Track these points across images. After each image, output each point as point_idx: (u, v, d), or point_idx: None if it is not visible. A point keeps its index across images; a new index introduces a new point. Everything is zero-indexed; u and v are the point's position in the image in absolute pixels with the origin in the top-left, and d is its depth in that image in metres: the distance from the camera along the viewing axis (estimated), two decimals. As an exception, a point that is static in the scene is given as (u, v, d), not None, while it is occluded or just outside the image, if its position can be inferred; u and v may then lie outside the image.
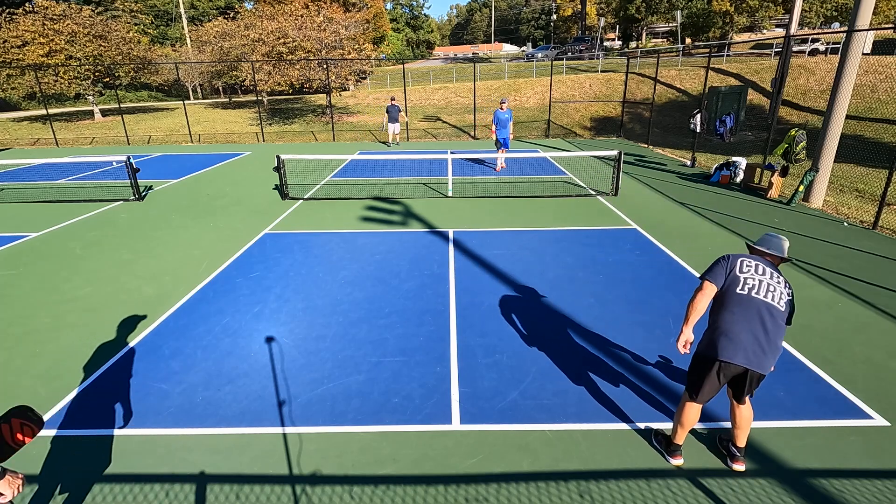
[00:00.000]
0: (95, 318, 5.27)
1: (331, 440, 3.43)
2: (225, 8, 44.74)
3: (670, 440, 3.20)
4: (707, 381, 2.87)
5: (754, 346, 2.72)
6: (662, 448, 3.25)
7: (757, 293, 2.77)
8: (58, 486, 3.07)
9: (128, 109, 29.46)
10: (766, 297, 2.76)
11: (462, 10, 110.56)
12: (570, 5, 69.08)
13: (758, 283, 2.79)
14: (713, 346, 2.81)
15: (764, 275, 2.82)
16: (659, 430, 3.41)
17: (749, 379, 2.82)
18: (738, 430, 3.11)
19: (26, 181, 12.58)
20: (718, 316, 2.85)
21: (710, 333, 2.88)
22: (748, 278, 2.81)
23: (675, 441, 3.16)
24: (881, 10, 34.95)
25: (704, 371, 2.87)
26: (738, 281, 2.81)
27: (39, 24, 22.65)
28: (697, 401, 2.97)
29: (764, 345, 2.73)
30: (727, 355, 2.75)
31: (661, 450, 3.25)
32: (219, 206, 9.79)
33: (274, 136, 21.19)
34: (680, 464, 3.15)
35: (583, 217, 8.66)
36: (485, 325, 4.97)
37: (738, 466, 3.13)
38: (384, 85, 34.92)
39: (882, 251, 6.86)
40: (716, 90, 12.83)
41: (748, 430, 3.11)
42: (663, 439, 3.28)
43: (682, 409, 3.08)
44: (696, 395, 2.95)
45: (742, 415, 3.05)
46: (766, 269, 2.87)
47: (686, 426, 3.08)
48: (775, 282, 2.82)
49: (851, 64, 8.38)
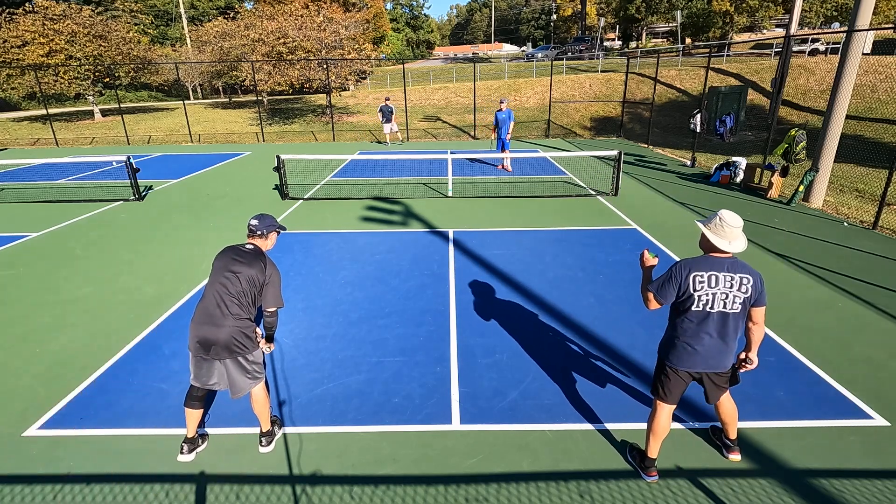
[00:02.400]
0: (95, 318, 5.27)
1: (331, 440, 3.44)
2: (225, 8, 44.74)
3: (644, 455, 3.10)
4: (677, 388, 2.93)
5: (714, 353, 2.79)
6: (636, 464, 3.15)
7: (712, 307, 2.70)
8: (58, 487, 3.07)
9: (128, 109, 29.46)
10: (721, 307, 2.70)
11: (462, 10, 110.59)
12: (570, 5, 69.08)
13: (712, 296, 2.68)
14: (678, 357, 2.85)
15: (716, 286, 2.67)
16: (634, 445, 3.31)
17: (710, 380, 2.91)
18: (727, 425, 3.18)
19: (26, 181, 12.57)
20: (677, 323, 2.85)
21: (673, 341, 2.87)
22: (702, 295, 2.68)
23: (650, 455, 3.06)
24: (881, 10, 34.94)
25: (673, 379, 2.91)
26: (692, 299, 2.70)
27: (39, 24, 22.65)
28: (668, 402, 2.97)
29: (722, 347, 2.79)
30: (690, 365, 2.83)
31: (636, 465, 3.15)
32: (219, 206, 9.79)
33: (274, 136, 21.19)
34: (655, 480, 3.04)
35: (583, 217, 8.66)
36: (485, 325, 4.97)
37: (735, 457, 3.19)
38: (384, 85, 34.92)
39: (882, 251, 6.86)
40: (716, 90, 12.83)
41: (736, 422, 3.17)
42: (637, 454, 3.19)
43: (653, 415, 3.02)
44: (668, 399, 2.96)
45: (725, 410, 3.12)
46: (721, 278, 2.68)
47: (659, 435, 3.01)
48: (730, 288, 2.67)
49: (851, 64, 8.38)
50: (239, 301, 3.04)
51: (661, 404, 2.99)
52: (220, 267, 3.11)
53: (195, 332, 3.01)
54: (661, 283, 2.79)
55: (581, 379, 4.09)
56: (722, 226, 2.70)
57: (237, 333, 3.02)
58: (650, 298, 2.85)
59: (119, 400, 3.88)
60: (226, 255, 3.16)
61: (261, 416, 3.31)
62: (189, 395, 3.23)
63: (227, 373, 3.11)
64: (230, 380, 3.13)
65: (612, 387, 3.99)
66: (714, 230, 2.72)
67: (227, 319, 3.00)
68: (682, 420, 3.57)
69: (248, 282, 3.06)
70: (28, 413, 3.75)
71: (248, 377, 3.15)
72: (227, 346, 3.01)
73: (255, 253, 3.17)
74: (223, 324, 2.99)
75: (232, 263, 3.09)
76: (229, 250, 3.19)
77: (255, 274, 3.08)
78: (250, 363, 3.14)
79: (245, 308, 3.06)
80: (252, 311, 3.13)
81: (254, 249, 3.20)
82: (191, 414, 3.25)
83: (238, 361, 3.08)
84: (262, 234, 3.28)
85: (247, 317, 3.08)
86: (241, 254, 3.15)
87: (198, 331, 3.01)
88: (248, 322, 3.08)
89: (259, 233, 3.26)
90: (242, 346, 3.06)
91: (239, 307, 3.03)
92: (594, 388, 3.97)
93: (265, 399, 3.29)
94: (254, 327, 3.14)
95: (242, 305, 3.05)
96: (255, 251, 3.19)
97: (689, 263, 2.75)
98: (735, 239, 2.70)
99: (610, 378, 4.10)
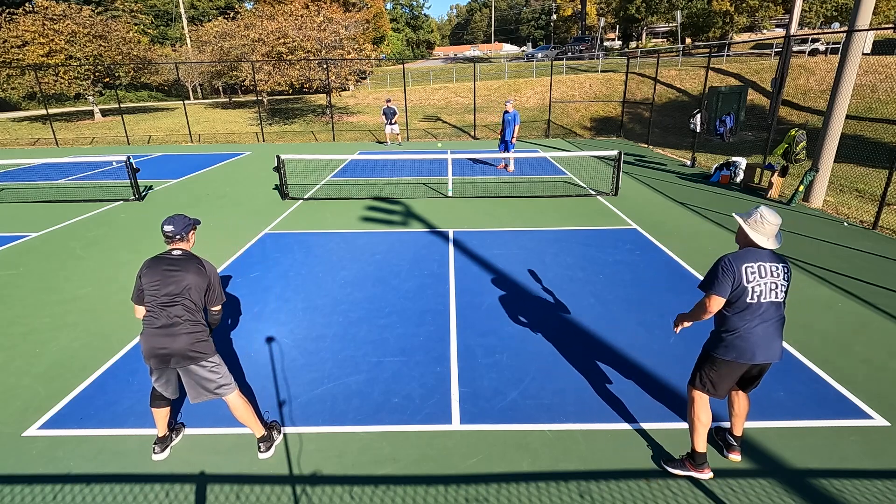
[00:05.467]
0: (95, 317, 5.27)
1: (331, 440, 3.43)
2: (225, 8, 44.69)
3: (695, 452, 3.01)
4: (728, 381, 2.92)
5: (770, 342, 2.79)
6: (690, 468, 3.03)
7: (765, 298, 2.74)
8: (58, 487, 3.07)
9: (128, 109, 29.45)
10: (772, 297, 2.75)
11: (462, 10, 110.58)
12: (570, 5, 69.07)
13: (764, 287, 2.73)
14: (734, 350, 2.81)
15: (765, 276, 2.74)
16: (675, 459, 3.15)
17: (759, 370, 2.93)
18: (737, 419, 3.18)
19: (26, 181, 12.57)
20: (731, 321, 2.82)
21: (724, 336, 2.85)
22: (755, 286, 2.72)
23: (700, 450, 3.00)
24: (881, 10, 34.93)
25: (725, 372, 2.88)
26: (747, 292, 2.73)
27: (39, 24, 22.65)
28: (718, 396, 2.96)
29: (775, 336, 2.81)
30: (748, 358, 2.80)
31: (689, 471, 3.03)
32: (219, 206, 9.79)
33: (274, 136, 21.19)
34: (711, 477, 3.01)
35: (583, 217, 8.66)
36: (485, 325, 4.97)
37: (735, 457, 3.18)
38: (384, 85, 34.92)
39: (882, 251, 6.86)
40: (716, 90, 12.83)
41: (745, 417, 3.21)
42: (687, 458, 3.06)
43: (699, 408, 2.98)
44: (717, 393, 2.95)
45: (743, 404, 3.15)
46: (767, 268, 2.75)
47: (707, 424, 2.99)
48: (775, 277, 2.75)
49: (851, 64, 8.38)
50: (188, 310, 3.00)
51: (705, 397, 2.97)
52: (158, 280, 3.00)
53: (149, 345, 2.97)
54: (716, 280, 2.77)
55: (581, 379, 4.09)
56: (763, 223, 2.74)
57: (193, 341, 3.00)
58: (711, 299, 2.79)
59: (119, 400, 3.88)
60: (156, 267, 3.04)
61: (247, 422, 3.26)
62: (152, 396, 3.23)
63: (190, 377, 3.08)
64: (194, 383, 3.09)
65: (612, 387, 3.98)
66: (754, 226, 2.77)
67: (181, 329, 2.97)
68: (682, 420, 3.57)
69: (193, 289, 3.02)
70: (28, 413, 3.75)
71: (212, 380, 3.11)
72: (185, 355, 2.99)
73: (186, 258, 3.08)
74: (178, 333, 2.96)
75: (168, 275, 3.00)
76: (158, 262, 3.07)
77: (198, 279, 3.03)
78: (213, 366, 3.12)
79: (195, 314, 3.05)
80: (202, 316, 3.12)
81: (183, 254, 3.10)
82: (157, 413, 3.26)
83: (201, 366, 3.06)
84: (181, 238, 3.15)
85: (199, 322, 3.06)
86: (174, 262, 3.05)
87: (152, 344, 2.96)
88: (201, 327, 3.07)
89: (179, 237, 3.13)
90: (201, 353, 3.04)
91: (190, 315, 3.01)
92: (594, 388, 3.97)
93: (245, 405, 3.23)
94: (207, 331, 3.12)
95: (192, 312, 3.02)
96: (185, 256, 3.09)
97: (738, 257, 2.77)
98: (772, 235, 2.76)
99: (610, 378, 4.10)
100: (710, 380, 2.93)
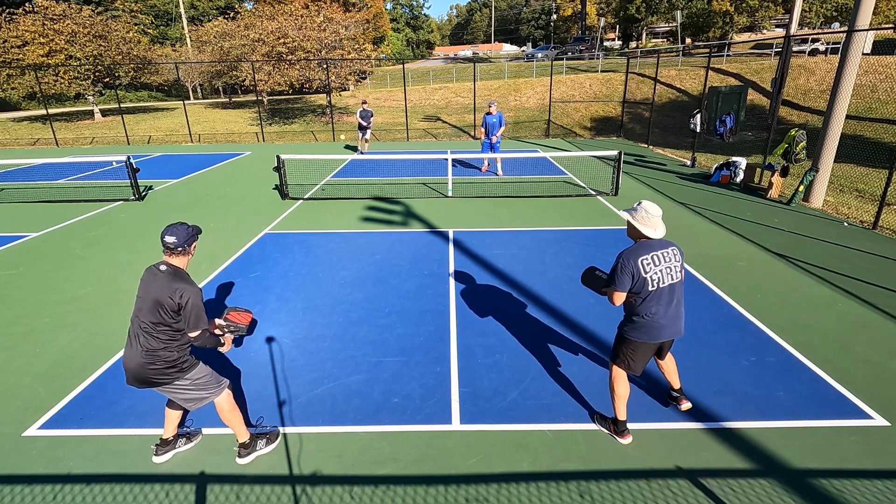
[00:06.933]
0: (95, 318, 5.27)
1: (331, 440, 3.43)
2: (225, 8, 44.71)
3: (617, 420, 3.40)
4: (642, 359, 3.27)
5: (674, 321, 3.17)
6: (612, 431, 3.43)
7: (664, 283, 3.05)
8: (58, 487, 3.07)
9: (128, 109, 29.46)
10: (669, 280, 3.07)
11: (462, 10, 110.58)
12: (570, 5, 69.08)
13: (661, 273, 3.03)
14: (645, 332, 3.16)
15: (659, 263, 3.03)
16: (602, 415, 3.58)
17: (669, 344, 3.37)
18: (670, 375, 3.62)
19: (26, 181, 12.57)
20: (638, 308, 3.13)
21: (635, 320, 3.17)
22: (652, 275, 3.02)
23: (621, 418, 3.38)
24: (881, 10, 34.94)
25: (640, 352, 3.24)
26: (647, 282, 3.01)
27: (39, 24, 22.65)
28: (635, 372, 3.31)
29: (677, 314, 3.18)
30: (656, 337, 3.17)
31: (611, 433, 3.43)
32: (219, 206, 9.79)
33: (274, 136, 21.19)
34: (630, 442, 3.35)
35: (583, 217, 8.66)
36: (485, 325, 4.97)
37: (686, 405, 3.58)
38: (384, 85, 34.92)
39: (882, 251, 6.86)
40: (716, 90, 12.83)
41: (677, 372, 3.62)
42: (611, 423, 3.46)
43: (618, 382, 3.34)
44: (634, 369, 3.29)
45: (669, 364, 3.58)
46: (659, 256, 3.04)
47: (625, 397, 3.36)
48: (668, 261, 3.06)
49: (851, 64, 8.38)
50: (150, 331, 2.82)
51: (623, 372, 3.34)
52: (139, 294, 2.89)
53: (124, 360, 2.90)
54: (617, 277, 3.07)
55: (581, 379, 4.09)
56: (648, 217, 3.05)
57: (153, 364, 2.84)
58: (614, 294, 3.13)
59: (119, 400, 3.88)
60: (143, 278, 2.92)
61: (231, 425, 3.17)
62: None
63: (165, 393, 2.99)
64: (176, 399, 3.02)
65: (612, 387, 3.98)
66: (642, 221, 3.06)
67: (140, 349, 2.83)
68: (682, 420, 3.57)
69: (162, 310, 2.80)
70: (28, 413, 3.75)
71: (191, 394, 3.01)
72: (144, 378, 2.86)
73: (168, 275, 2.85)
74: (135, 354, 2.84)
75: (145, 289, 2.87)
76: (146, 272, 2.94)
77: (168, 300, 2.79)
78: (188, 384, 2.98)
79: (158, 337, 2.83)
80: (170, 339, 2.88)
81: (167, 271, 2.87)
82: (168, 414, 3.23)
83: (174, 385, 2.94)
84: (182, 251, 2.93)
85: (162, 347, 2.85)
86: (154, 277, 2.87)
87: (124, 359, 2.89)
88: (166, 353, 2.86)
89: (180, 249, 2.91)
90: (164, 376, 2.89)
91: (151, 337, 2.82)
92: (594, 387, 3.97)
93: (231, 408, 3.14)
94: (177, 355, 2.91)
95: (155, 334, 2.82)
96: (168, 273, 2.86)
97: (633, 252, 3.06)
98: (658, 226, 3.06)
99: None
100: (628, 358, 3.27)
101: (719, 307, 5.30)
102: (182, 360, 2.95)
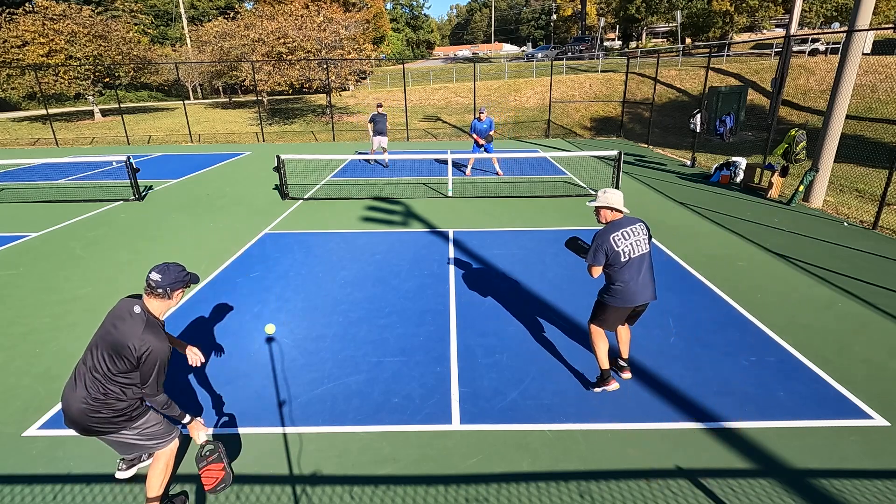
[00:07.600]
0: (95, 318, 5.26)
1: (331, 440, 3.43)
2: (225, 8, 44.70)
3: (602, 371, 3.84)
4: (617, 320, 3.78)
5: (646, 286, 3.65)
6: (600, 385, 3.84)
7: (634, 253, 3.55)
8: (58, 487, 3.07)
9: (128, 109, 29.45)
10: (639, 251, 3.56)
11: (462, 10, 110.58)
12: (570, 5, 69.08)
13: (631, 245, 3.53)
14: (620, 298, 3.64)
15: (629, 238, 3.53)
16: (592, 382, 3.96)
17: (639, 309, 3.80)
18: (623, 345, 4.04)
19: (26, 181, 12.57)
20: (614, 276, 3.62)
21: (612, 287, 3.66)
22: (624, 248, 3.52)
23: (604, 367, 3.83)
24: (881, 10, 34.93)
25: (617, 315, 3.73)
26: (620, 255, 3.52)
27: (39, 24, 22.65)
28: (611, 330, 3.84)
29: (649, 281, 3.67)
30: (632, 301, 3.64)
31: (601, 386, 3.83)
32: (219, 206, 9.79)
33: (274, 136, 21.19)
34: (617, 387, 3.82)
35: (583, 217, 8.65)
36: (485, 325, 4.97)
37: (627, 375, 4.02)
38: (384, 85, 34.92)
39: (882, 251, 6.86)
40: (716, 90, 12.84)
41: (629, 344, 4.09)
42: (598, 379, 3.88)
43: (597, 338, 3.82)
44: (610, 328, 3.82)
45: (626, 334, 4.03)
46: (628, 231, 3.54)
47: (605, 348, 3.83)
48: (636, 235, 3.56)
49: (851, 64, 8.38)
50: (101, 378, 2.49)
51: (601, 329, 3.82)
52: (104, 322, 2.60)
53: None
54: (594, 254, 3.59)
55: (581, 379, 4.09)
56: (610, 193, 3.59)
57: (98, 412, 2.50)
58: (592, 269, 3.65)
59: (119, 400, 3.87)
60: (114, 308, 2.63)
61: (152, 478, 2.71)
62: None
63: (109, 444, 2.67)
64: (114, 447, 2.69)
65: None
66: (607, 199, 3.58)
67: (85, 394, 2.49)
68: (682, 420, 3.57)
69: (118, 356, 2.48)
70: (28, 413, 3.75)
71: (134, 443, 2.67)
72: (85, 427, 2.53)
73: (137, 320, 2.52)
74: (76, 399, 2.49)
75: (105, 328, 2.55)
76: (121, 304, 2.65)
77: (128, 348, 2.46)
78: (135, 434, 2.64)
79: (108, 387, 2.49)
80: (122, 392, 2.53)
81: (138, 316, 2.54)
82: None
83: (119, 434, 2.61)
84: (162, 294, 2.60)
85: (113, 397, 2.51)
86: (124, 318, 2.53)
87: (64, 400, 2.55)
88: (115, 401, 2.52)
89: (160, 291, 2.58)
90: (110, 426, 2.55)
91: (99, 384, 2.49)
92: (594, 388, 3.97)
93: (167, 466, 2.75)
94: (127, 404, 2.57)
95: (105, 382, 2.49)
96: (138, 318, 2.53)
97: (606, 231, 3.58)
98: (620, 202, 3.60)
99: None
100: (604, 319, 3.77)
101: (719, 307, 5.30)
102: (133, 407, 2.61)
